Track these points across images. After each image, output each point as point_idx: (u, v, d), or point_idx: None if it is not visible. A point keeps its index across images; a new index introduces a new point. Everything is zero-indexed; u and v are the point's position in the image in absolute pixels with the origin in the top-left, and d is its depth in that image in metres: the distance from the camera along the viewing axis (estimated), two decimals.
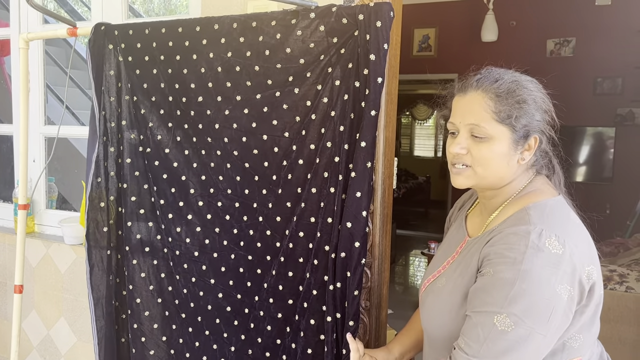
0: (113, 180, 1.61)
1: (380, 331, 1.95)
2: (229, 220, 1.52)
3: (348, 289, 1.32)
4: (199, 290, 1.56)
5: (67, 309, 2.25)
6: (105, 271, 1.62)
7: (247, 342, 1.53)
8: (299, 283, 1.43)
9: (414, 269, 6.40)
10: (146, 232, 1.61)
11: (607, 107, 6.25)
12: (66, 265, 2.24)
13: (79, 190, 2.27)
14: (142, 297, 1.63)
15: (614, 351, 3.04)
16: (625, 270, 3.09)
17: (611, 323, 3.05)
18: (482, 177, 1.06)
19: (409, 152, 10.89)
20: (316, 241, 1.38)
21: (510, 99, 1.03)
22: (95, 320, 1.64)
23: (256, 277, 1.50)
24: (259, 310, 1.49)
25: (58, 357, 2.29)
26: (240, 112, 1.45)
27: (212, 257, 1.55)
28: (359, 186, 1.27)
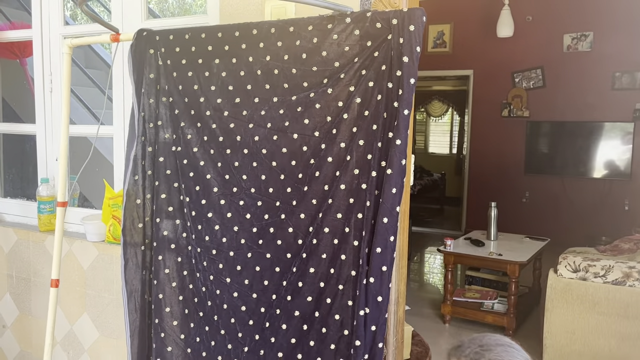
0: (150, 179, 1.66)
1: (399, 327, 1.97)
2: (249, 219, 1.54)
3: (383, 284, 1.35)
4: (215, 288, 1.58)
5: (90, 304, 2.29)
6: (139, 266, 1.67)
7: (260, 343, 1.54)
8: (320, 279, 1.44)
9: (429, 266, 6.39)
10: (173, 229, 1.66)
11: (626, 102, 6.17)
12: (89, 262, 2.28)
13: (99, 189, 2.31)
14: (164, 293, 1.66)
15: (634, 349, 3.03)
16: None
17: (630, 320, 3.03)
18: None
19: (424, 149, 10.86)
20: (344, 237, 1.40)
21: None
22: (128, 314, 1.67)
23: (274, 275, 1.51)
24: (276, 308, 1.51)
25: (81, 352, 2.34)
26: (276, 112, 1.49)
27: (228, 256, 1.57)
28: (394, 183, 1.31)
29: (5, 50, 3.24)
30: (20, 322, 2.54)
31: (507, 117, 6.91)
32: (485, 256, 4.09)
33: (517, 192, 6.86)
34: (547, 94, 6.63)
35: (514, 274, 3.87)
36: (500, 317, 3.99)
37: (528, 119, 6.76)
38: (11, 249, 2.53)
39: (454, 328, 4.20)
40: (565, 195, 6.60)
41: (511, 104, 6.86)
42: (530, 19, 6.61)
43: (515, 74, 6.79)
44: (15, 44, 3.16)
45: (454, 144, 10.56)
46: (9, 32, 2.80)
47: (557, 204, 6.65)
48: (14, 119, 3.69)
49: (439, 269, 6.09)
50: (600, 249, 4.00)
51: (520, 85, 6.79)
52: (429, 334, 3.57)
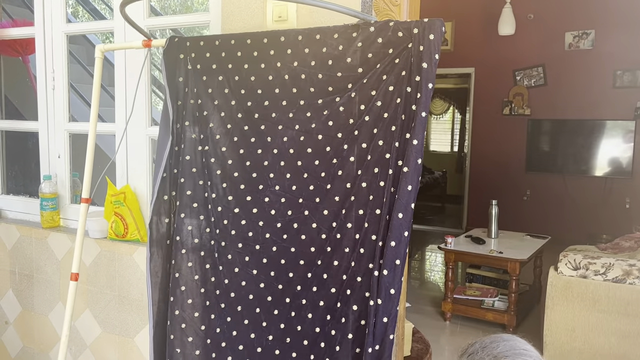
0: (175, 177, 1.74)
1: (399, 323, 1.98)
2: (274, 215, 1.63)
3: (396, 277, 1.41)
4: (241, 280, 1.66)
5: (92, 300, 2.31)
6: (164, 258, 1.74)
7: (286, 331, 1.61)
8: (343, 272, 1.52)
9: (430, 263, 6.39)
10: (197, 224, 1.73)
11: (627, 100, 6.17)
12: (91, 259, 2.29)
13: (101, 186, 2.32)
14: (187, 285, 1.73)
15: (634, 346, 3.03)
16: None
17: (630, 317, 3.03)
18: None
19: (425, 147, 10.80)
20: (363, 231, 1.48)
21: None
22: (152, 305, 1.73)
23: (299, 268, 1.59)
24: (302, 299, 1.59)
25: (83, 348, 2.35)
26: (304, 115, 1.58)
27: (254, 249, 1.65)
28: (410, 180, 1.39)
29: (8, 48, 3.25)
30: (23, 319, 2.56)
31: (508, 115, 6.91)
32: (486, 254, 4.10)
33: (518, 190, 6.86)
34: (549, 92, 6.63)
35: (514, 272, 3.88)
36: (500, 315, 4.00)
37: (529, 117, 6.76)
38: (14, 245, 2.54)
39: (454, 325, 4.21)
40: (566, 193, 6.61)
41: (512, 102, 6.86)
42: (531, 17, 6.61)
43: (516, 72, 6.79)
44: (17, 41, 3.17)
45: (455, 142, 10.56)
46: (11, 29, 2.81)
47: (558, 202, 6.65)
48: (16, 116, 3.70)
49: (439, 266, 6.10)
50: (601, 247, 4.01)
51: (521, 83, 6.79)
52: (429, 331, 3.58)
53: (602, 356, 3.13)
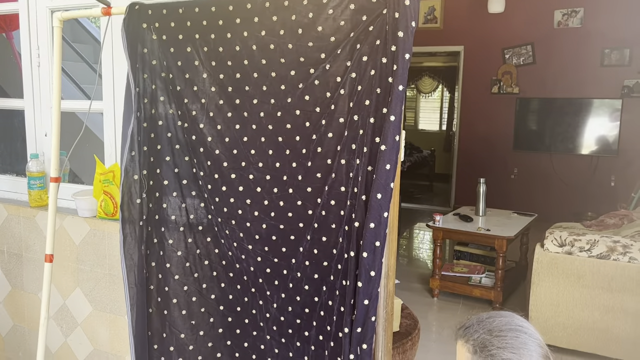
0: (146, 155, 1.67)
1: (389, 300, 2.01)
2: (260, 192, 1.60)
3: (375, 259, 1.38)
4: (240, 254, 1.67)
5: (83, 279, 2.31)
6: (137, 241, 1.69)
7: (287, 300, 1.63)
8: (332, 247, 1.51)
9: (419, 241, 6.46)
10: (190, 202, 1.71)
11: (614, 79, 6.21)
12: (80, 237, 2.29)
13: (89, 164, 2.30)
14: (190, 260, 1.74)
15: (616, 321, 3.11)
16: (629, 241, 3.13)
17: (614, 293, 3.10)
18: None
19: (413, 126, 10.87)
20: (347, 209, 1.46)
21: (482, 353, 1.13)
22: (128, 288, 1.70)
23: (290, 243, 1.59)
24: (296, 271, 1.59)
25: (74, 326, 2.36)
26: (278, 88, 1.52)
27: (246, 226, 1.64)
28: (388, 158, 1.32)
29: None
30: (13, 297, 2.56)
31: (496, 93, 6.93)
32: (473, 231, 4.15)
33: (505, 168, 6.92)
34: (537, 71, 6.65)
35: (501, 249, 3.94)
36: (487, 291, 4.06)
37: (518, 96, 6.78)
38: (2, 224, 2.52)
39: (442, 302, 4.27)
40: (553, 172, 6.67)
41: (501, 80, 6.87)
42: None
43: (505, 50, 6.79)
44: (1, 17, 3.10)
45: (443, 121, 10.58)
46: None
47: (545, 180, 6.72)
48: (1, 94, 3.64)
49: (428, 244, 6.16)
50: (586, 224, 4.08)
51: (510, 62, 6.79)
52: (417, 307, 3.63)
53: (586, 330, 3.20)
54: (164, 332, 1.73)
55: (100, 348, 2.32)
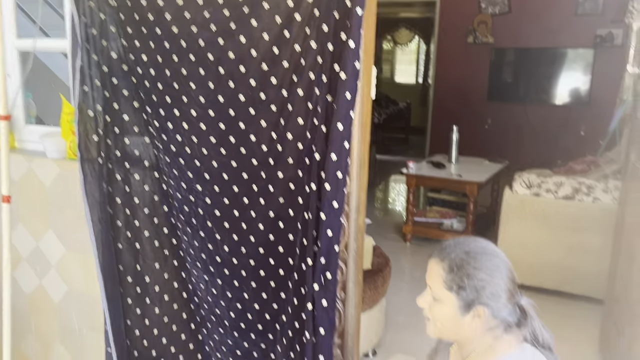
0: (99, 90, 1.60)
1: (359, 234, 2.05)
2: (206, 130, 1.51)
3: (338, 190, 1.36)
4: (189, 194, 1.61)
5: (55, 221, 2.29)
6: (97, 179, 1.66)
7: (240, 242, 1.58)
8: (289, 182, 1.46)
9: (394, 193, 6.54)
10: (143, 147, 1.67)
11: (588, 28, 6.23)
12: (50, 179, 2.26)
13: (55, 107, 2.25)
14: (149, 207, 1.71)
15: (580, 259, 3.23)
16: (593, 182, 3.23)
17: (578, 232, 3.22)
18: (441, 331, 1.24)
19: (390, 79, 10.82)
20: (307, 142, 1.39)
21: (458, 271, 1.17)
22: (92, 226, 1.68)
23: (243, 182, 1.52)
24: (250, 211, 1.53)
25: (48, 268, 2.36)
26: (221, 14, 1.41)
27: (195, 165, 1.57)
28: (349, 87, 1.26)
29: None
30: None
31: (472, 43, 6.91)
32: (445, 177, 4.22)
33: (479, 119, 6.97)
34: (512, 20, 6.63)
35: (472, 194, 4.02)
36: (458, 235, 4.16)
37: (493, 46, 6.78)
38: None
39: (415, 246, 4.38)
40: (526, 122, 6.76)
41: (476, 30, 6.84)
42: None
43: None
44: None
45: (420, 73, 10.55)
46: None
47: (517, 130, 6.81)
48: None
49: (403, 196, 6.25)
50: (555, 171, 4.18)
51: (486, 11, 6.75)
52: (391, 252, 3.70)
53: (552, 268, 3.34)
54: (138, 264, 1.73)
55: (75, 288, 2.34)
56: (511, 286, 1.19)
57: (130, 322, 1.76)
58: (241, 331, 1.67)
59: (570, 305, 3.32)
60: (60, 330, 2.42)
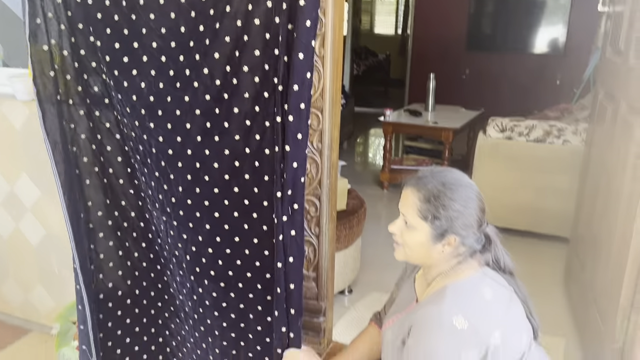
0: (52, 22, 1.53)
1: (332, 171, 2.09)
2: (166, 62, 1.47)
3: (301, 121, 1.33)
4: (142, 133, 1.55)
5: (28, 164, 2.28)
6: (57, 116, 1.60)
7: (193, 181, 1.53)
8: (245, 118, 1.42)
9: (374, 148, 6.58)
10: (100, 83, 1.60)
11: None
12: (21, 122, 2.24)
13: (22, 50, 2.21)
14: (111, 145, 1.66)
15: (549, 199, 3.33)
16: (564, 125, 3.30)
17: (547, 174, 3.31)
18: (410, 256, 1.29)
19: (369, 30, 10.69)
20: (264, 75, 1.36)
21: (434, 202, 1.20)
22: (56, 165, 1.64)
23: (195, 119, 1.48)
24: (204, 149, 1.49)
25: (24, 211, 2.37)
26: None
27: (149, 101, 1.52)
28: (308, 14, 1.22)
29: None
30: None
31: None
32: (422, 124, 4.27)
33: (458, 69, 6.98)
34: None
35: (447, 140, 4.08)
36: None
37: None
38: None
39: (391, 194, 4.46)
40: (503, 72, 6.78)
41: None
42: None
43: None
44: None
45: (399, 24, 10.43)
46: None
47: (494, 80, 6.84)
48: None
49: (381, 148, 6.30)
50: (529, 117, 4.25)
51: None
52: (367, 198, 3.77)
53: (522, 210, 3.44)
54: (107, 199, 1.71)
55: (53, 232, 2.35)
56: (481, 215, 1.24)
57: (99, 258, 1.76)
58: (196, 275, 1.63)
59: (539, 244, 3.45)
60: (40, 273, 2.46)
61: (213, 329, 1.67)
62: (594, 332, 2.21)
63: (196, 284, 1.63)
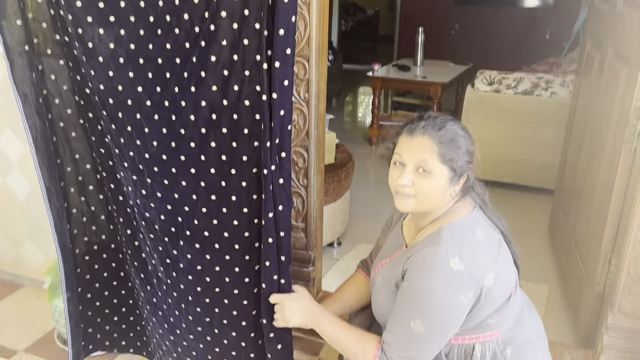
0: None
1: (319, 122, 2.09)
2: (145, 7, 1.42)
3: (287, 67, 1.28)
4: (117, 84, 1.49)
5: (10, 119, 2.24)
6: (27, 66, 1.54)
7: (169, 134, 1.48)
8: (223, 67, 1.37)
9: (364, 107, 6.54)
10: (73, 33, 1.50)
11: None
12: (2, 75, 2.20)
13: None
14: (83, 98, 1.60)
15: (534, 150, 3.35)
16: (552, 77, 3.29)
17: (534, 125, 3.33)
18: (422, 204, 1.27)
19: None
20: (243, 20, 1.30)
21: (451, 145, 1.23)
22: (27, 119, 1.57)
23: (175, 67, 1.42)
24: (180, 100, 1.44)
25: (10, 167, 2.35)
26: None
27: (130, 49, 1.46)
28: None
29: None
30: None
31: None
32: (410, 79, 4.24)
33: (447, 23, 6.89)
34: None
35: (436, 95, 4.07)
36: None
37: None
38: None
39: None
40: (492, 26, 6.71)
41: None
42: None
43: None
44: None
45: None
46: None
47: (484, 34, 6.78)
48: None
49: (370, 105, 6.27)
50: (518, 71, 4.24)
51: None
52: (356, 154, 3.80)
53: (509, 162, 3.47)
54: (77, 155, 1.67)
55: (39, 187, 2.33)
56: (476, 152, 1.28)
57: (72, 214, 1.74)
58: (170, 236, 1.57)
59: (525, 197, 3.49)
60: (29, 228, 2.46)
61: (187, 295, 1.62)
62: (575, 277, 2.27)
63: (170, 245, 1.58)
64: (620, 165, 1.82)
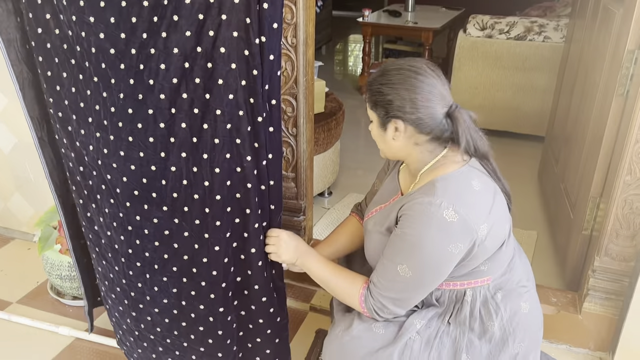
0: None
1: (308, 68, 2.04)
2: None
3: (276, 9, 1.22)
4: (80, 30, 1.37)
5: None
6: (12, 12, 1.47)
7: (136, 85, 1.35)
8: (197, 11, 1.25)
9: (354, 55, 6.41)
10: None
11: None
12: None
13: None
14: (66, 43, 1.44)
15: (525, 97, 3.33)
16: (545, 20, 3.23)
17: (527, 71, 3.29)
18: (382, 150, 1.33)
19: None
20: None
21: (373, 88, 1.23)
22: (12, 67, 1.52)
23: (142, 10, 1.30)
24: (150, 48, 1.31)
25: None
26: None
27: None
28: None
29: None
30: None
31: None
32: (401, 25, 4.15)
33: None
34: None
35: (427, 41, 3.99)
36: None
37: None
38: None
39: None
40: None
41: None
42: None
43: None
44: None
45: None
46: None
47: None
48: None
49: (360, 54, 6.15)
50: None
51: None
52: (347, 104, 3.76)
53: (500, 109, 3.45)
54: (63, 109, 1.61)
55: (24, 139, 2.30)
56: (434, 98, 1.19)
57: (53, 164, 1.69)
58: (133, 199, 1.45)
59: (516, 144, 3.49)
60: (16, 181, 2.43)
61: (152, 263, 1.51)
62: (564, 221, 2.29)
63: (133, 210, 1.46)
64: (611, 110, 1.80)
